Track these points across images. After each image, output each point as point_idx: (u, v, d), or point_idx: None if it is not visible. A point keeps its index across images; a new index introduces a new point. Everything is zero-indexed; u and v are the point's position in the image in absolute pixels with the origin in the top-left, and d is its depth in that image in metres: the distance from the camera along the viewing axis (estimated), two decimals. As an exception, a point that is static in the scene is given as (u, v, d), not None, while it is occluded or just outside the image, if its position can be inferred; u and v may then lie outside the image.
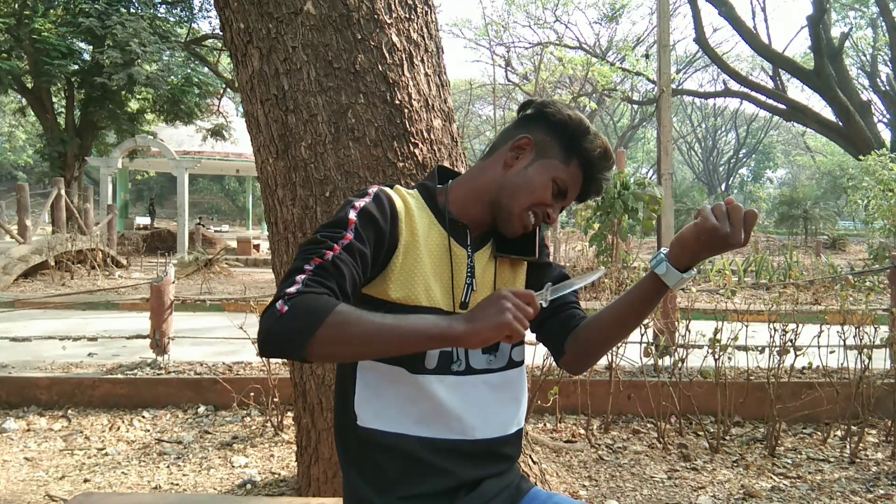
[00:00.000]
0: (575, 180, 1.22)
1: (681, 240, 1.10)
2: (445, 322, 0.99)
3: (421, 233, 1.17)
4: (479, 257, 1.22)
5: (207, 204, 44.28)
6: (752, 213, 1.06)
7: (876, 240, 13.82)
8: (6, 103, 26.88)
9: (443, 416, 1.15)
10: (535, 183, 1.20)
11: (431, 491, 1.14)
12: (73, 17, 13.08)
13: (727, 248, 1.06)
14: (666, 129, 6.40)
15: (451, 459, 1.15)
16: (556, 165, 1.20)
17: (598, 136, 1.22)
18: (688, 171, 50.30)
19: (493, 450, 1.19)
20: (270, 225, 2.22)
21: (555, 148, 1.21)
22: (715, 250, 1.08)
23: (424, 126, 2.06)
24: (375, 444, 1.15)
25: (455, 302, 1.18)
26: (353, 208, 1.11)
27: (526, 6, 28.23)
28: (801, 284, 8.35)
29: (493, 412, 1.19)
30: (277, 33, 1.98)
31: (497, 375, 1.21)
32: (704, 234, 1.06)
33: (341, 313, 0.98)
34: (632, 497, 2.74)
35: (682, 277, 1.12)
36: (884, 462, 3.12)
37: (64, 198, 12.34)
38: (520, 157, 1.22)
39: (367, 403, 1.17)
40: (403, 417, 1.15)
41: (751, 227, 1.06)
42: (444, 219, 1.20)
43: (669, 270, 1.12)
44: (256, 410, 3.72)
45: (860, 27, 27.86)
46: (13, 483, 2.83)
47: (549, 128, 1.22)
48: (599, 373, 3.85)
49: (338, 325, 0.97)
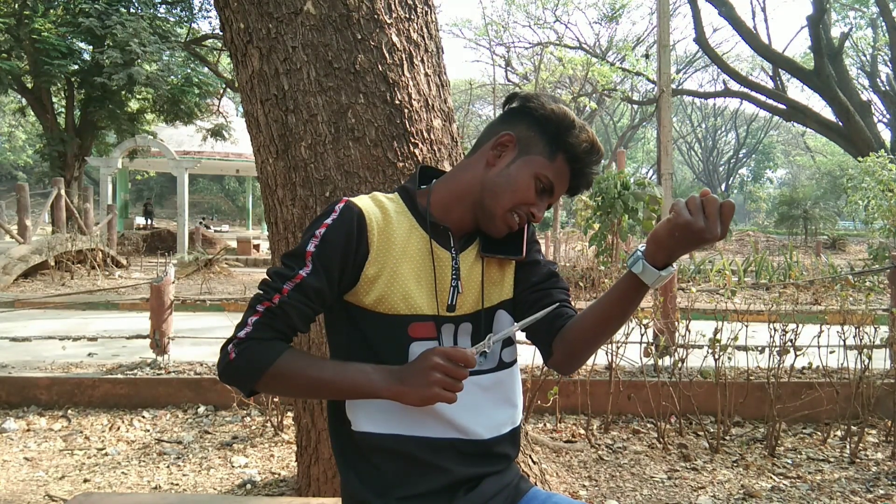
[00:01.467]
0: (561, 176, 1.19)
1: (656, 237, 1.05)
2: (379, 379, 1.07)
3: (399, 239, 1.16)
4: (464, 258, 1.20)
5: (207, 204, 44.28)
6: (728, 204, 0.99)
7: (876, 240, 13.83)
8: (6, 103, 26.89)
9: (435, 417, 1.15)
10: (517, 182, 1.17)
11: (429, 489, 1.14)
12: (73, 17, 13.08)
13: (704, 242, 1.00)
14: (666, 129, 6.40)
15: (447, 458, 1.15)
16: (539, 162, 1.17)
17: (583, 130, 1.18)
18: (688, 171, 50.32)
19: (489, 449, 1.18)
20: (270, 225, 2.22)
21: (539, 144, 1.18)
22: (692, 246, 1.02)
23: (424, 126, 2.06)
24: (371, 447, 1.15)
25: (440, 306, 1.17)
26: (314, 238, 1.12)
27: (526, 6, 28.24)
28: (801, 284, 8.35)
29: (485, 414, 1.18)
30: (277, 33, 1.98)
31: (487, 377, 1.20)
32: (679, 229, 1.00)
33: (280, 366, 1.08)
34: (632, 497, 2.74)
35: (659, 275, 1.06)
36: (884, 462, 3.12)
37: (64, 198, 12.34)
38: (502, 154, 1.19)
39: (357, 408, 1.17)
40: (396, 419, 1.15)
41: (728, 220, 0.99)
42: (425, 222, 1.18)
43: (646, 269, 1.06)
44: (256, 410, 3.72)
45: (860, 27, 27.88)
46: (13, 483, 2.83)
47: (532, 123, 1.19)
48: (599, 373, 3.85)
49: (275, 378, 1.08)
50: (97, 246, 12.17)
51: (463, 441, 1.16)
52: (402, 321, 1.14)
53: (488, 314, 1.21)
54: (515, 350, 1.27)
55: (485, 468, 1.18)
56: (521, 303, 1.24)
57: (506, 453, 1.22)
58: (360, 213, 1.14)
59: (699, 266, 11.79)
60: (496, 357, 1.21)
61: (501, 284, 1.24)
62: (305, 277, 1.10)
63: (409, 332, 1.15)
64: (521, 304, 1.23)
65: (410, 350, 1.14)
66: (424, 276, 1.16)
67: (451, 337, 1.19)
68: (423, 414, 1.14)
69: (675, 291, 4.32)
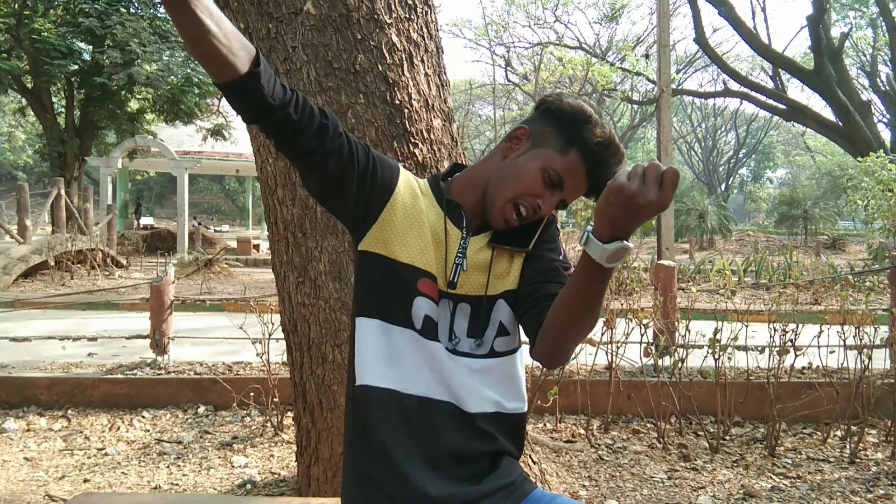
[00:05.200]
0: (573, 171, 1.19)
1: (597, 207, 0.99)
2: None
3: (419, 207, 1.22)
4: (474, 241, 1.24)
5: (207, 204, 44.29)
6: (671, 171, 0.93)
7: (876, 240, 13.84)
8: (6, 103, 26.88)
9: (432, 377, 1.18)
10: (522, 172, 1.19)
11: (424, 457, 1.16)
12: (73, 17, 13.09)
13: (639, 208, 0.94)
14: (666, 129, 6.39)
15: (439, 420, 1.17)
16: (549, 155, 1.19)
17: (598, 125, 1.18)
18: (688, 171, 50.27)
19: (473, 422, 1.19)
20: (270, 225, 2.22)
21: (552, 138, 1.20)
22: (629, 212, 0.95)
23: (424, 126, 2.06)
24: (369, 401, 1.18)
25: (444, 280, 1.21)
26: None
27: (526, 6, 28.26)
28: (801, 284, 8.35)
29: (472, 388, 1.20)
30: (277, 33, 1.98)
31: (477, 361, 1.22)
32: (613, 194, 0.95)
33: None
34: (632, 497, 2.74)
35: (603, 248, 0.98)
36: (884, 462, 3.12)
37: (64, 198, 12.34)
38: (515, 147, 1.23)
39: (364, 359, 1.20)
40: (393, 375, 1.18)
41: (669, 186, 0.93)
42: (442, 200, 1.24)
43: (591, 241, 1.00)
44: (256, 410, 3.72)
45: (860, 27, 27.88)
46: (13, 483, 2.83)
47: (550, 118, 1.22)
48: (599, 373, 3.85)
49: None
50: (97, 246, 12.17)
51: (454, 407, 1.18)
52: (414, 273, 1.19)
53: (490, 301, 1.23)
54: (513, 341, 1.27)
55: (473, 443, 1.19)
56: (519, 295, 1.26)
57: (490, 433, 1.21)
58: (397, 167, 1.26)
59: (699, 266, 11.79)
60: (489, 344, 1.23)
61: (507, 276, 1.25)
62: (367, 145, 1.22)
63: (418, 285, 1.18)
64: (519, 297, 1.25)
65: (415, 303, 1.18)
66: (435, 245, 1.21)
67: (448, 313, 1.21)
68: (423, 369, 1.17)
69: (675, 291, 4.33)
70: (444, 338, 1.20)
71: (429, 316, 1.18)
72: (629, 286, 5.40)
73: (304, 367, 2.20)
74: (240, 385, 3.72)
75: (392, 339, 1.18)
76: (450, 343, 1.20)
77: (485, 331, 1.22)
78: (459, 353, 1.21)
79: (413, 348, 1.18)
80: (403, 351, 1.18)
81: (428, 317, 1.18)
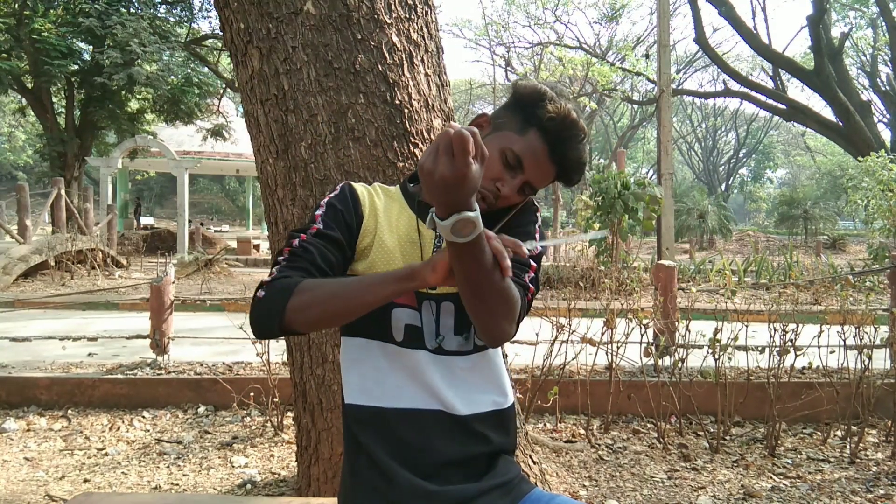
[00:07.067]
0: (532, 150, 1.18)
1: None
2: (399, 270, 1.08)
3: (388, 216, 1.23)
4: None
5: (207, 204, 44.29)
6: (455, 135, 0.89)
7: (876, 240, 13.82)
8: (6, 103, 26.89)
9: (419, 386, 1.18)
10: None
11: (419, 473, 1.15)
12: (73, 17, 13.08)
13: (437, 184, 0.91)
14: (666, 129, 6.39)
15: (430, 432, 1.17)
16: (507, 136, 1.19)
17: (554, 102, 1.17)
18: (688, 171, 50.32)
19: (468, 426, 1.19)
20: (270, 225, 2.22)
21: (512, 121, 1.20)
22: (437, 190, 0.92)
23: (424, 126, 2.06)
24: (357, 421, 1.19)
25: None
26: (320, 207, 1.21)
27: (526, 6, 28.26)
28: (801, 284, 8.35)
29: (464, 390, 1.20)
30: (277, 33, 1.98)
31: (464, 359, 1.22)
32: (419, 173, 0.94)
33: (307, 282, 1.09)
34: (632, 497, 2.74)
35: (441, 224, 0.95)
36: (884, 462, 3.12)
37: (64, 198, 12.34)
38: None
39: (350, 375, 1.22)
40: (379, 391, 1.18)
41: (460, 153, 0.89)
42: (413, 202, 1.25)
43: (432, 220, 0.97)
44: (256, 410, 3.72)
45: (860, 27, 27.88)
46: (13, 483, 2.83)
47: (511, 103, 1.23)
48: (599, 373, 3.85)
49: (304, 292, 1.07)
50: (97, 246, 12.17)
51: (445, 414, 1.18)
52: None
53: None
54: None
55: (467, 447, 1.19)
56: None
57: (486, 434, 1.21)
58: (352, 189, 1.25)
59: (699, 266, 11.79)
60: (472, 339, 1.23)
61: None
62: (320, 228, 1.17)
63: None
64: None
65: (393, 315, 1.18)
66: (409, 250, 1.21)
67: (432, 315, 1.20)
68: (407, 382, 1.17)
69: (675, 291, 4.33)
70: (430, 341, 1.19)
71: (410, 325, 1.18)
72: (629, 286, 5.40)
73: (304, 366, 2.20)
74: (240, 385, 3.72)
75: (372, 355, 1.20)
76: (434, 342, 1.19)
77: (471, 325, 1.21)
78: (448, 353, 1.20)
79: (394, 362, 1.19)
80: (385, 366, 1.19)
81: (409, 325, 1.18)
